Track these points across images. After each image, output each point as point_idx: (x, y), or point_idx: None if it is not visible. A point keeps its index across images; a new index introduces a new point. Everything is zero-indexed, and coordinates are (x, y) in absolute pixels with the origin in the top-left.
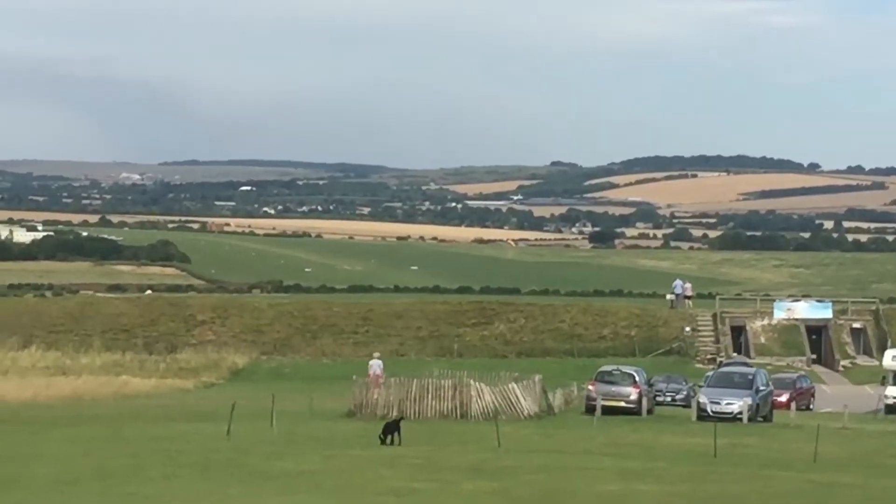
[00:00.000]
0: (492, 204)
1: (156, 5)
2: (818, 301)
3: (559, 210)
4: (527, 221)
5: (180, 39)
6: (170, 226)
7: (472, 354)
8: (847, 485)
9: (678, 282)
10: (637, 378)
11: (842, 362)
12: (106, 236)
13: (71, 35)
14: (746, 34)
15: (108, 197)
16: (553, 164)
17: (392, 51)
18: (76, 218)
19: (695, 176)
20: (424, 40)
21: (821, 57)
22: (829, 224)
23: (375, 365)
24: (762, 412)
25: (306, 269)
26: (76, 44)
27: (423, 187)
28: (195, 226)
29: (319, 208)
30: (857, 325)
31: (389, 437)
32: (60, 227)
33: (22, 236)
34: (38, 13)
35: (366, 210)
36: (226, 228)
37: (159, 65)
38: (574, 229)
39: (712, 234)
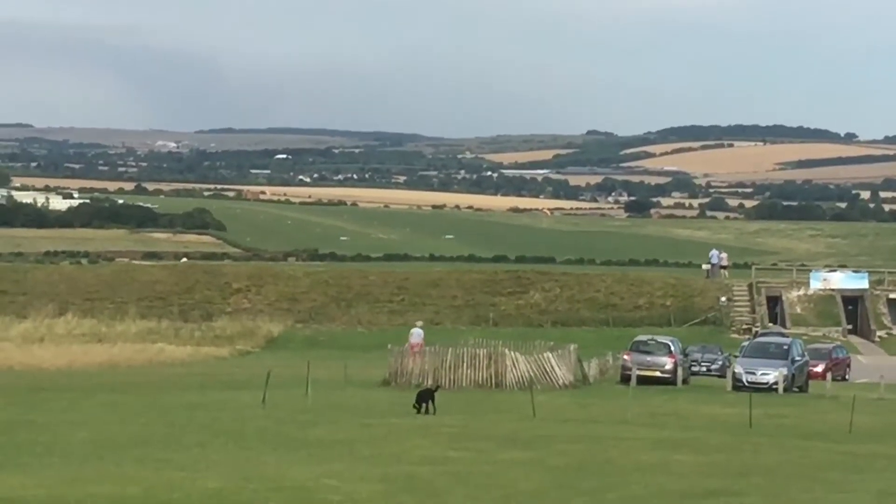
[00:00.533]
0: (527, 173)
1: None
2: (854, 271)
3: (595, 179)
4: (562, 190)
5: (219, 7)
6: (205, 194)
7: (508, 324)
8: (883, 455)
9: (714, 251)
10: (672, 348)
11: (878, 333)
12: (142, 204)
13: (109, 3)
14: (785, 3)
15: (144, 165)
16: (589, 133)
17: (429, 19)
18: (112, 185)
19: (731, 145)
20: (462, 8)
21: (859, 26)
22: (865, 194)
23: (416, 334)
24: (798, 382)
25: (342, 238)
26: (114, 12)
27: (459, 156)
28: (231, 194)
29: (355, 177)
30: (893, 295)
31: (423, 406)
32: (96, 194)
33: (58, 204)
34: None
35: (401, 179)
36: (261, 197)
37: (197, 33)
38: (610, 198)
39: (748, 203)
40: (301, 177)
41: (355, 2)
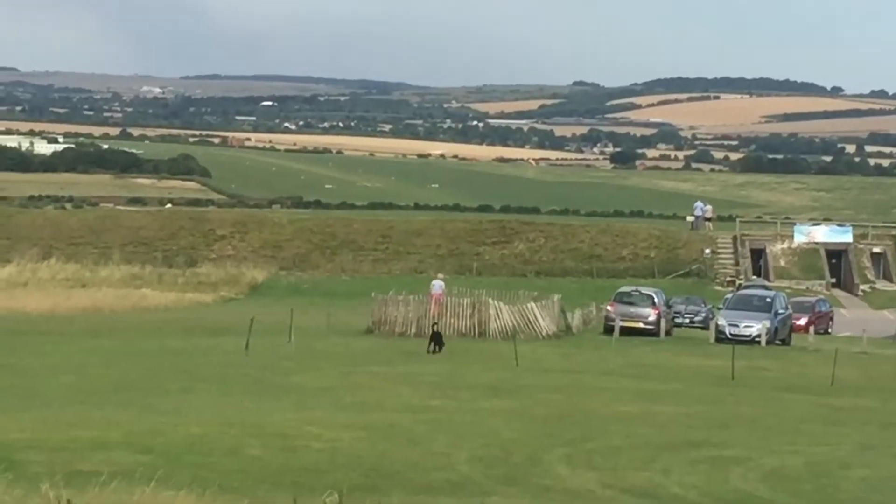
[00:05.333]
0: (513, 123)
1: None
2: (838, 225)
3: (580, 130)
4: (548, 141)
5: None
6: (191, 140)
7: (491, 273)
8: (864, 408)
9: (699, 203)
10: (656, 299)
11: (861, 287)
12: (126, 149)
13: None
14: None
15: (130, 110)
16: (575, 83)
17: None
18: (97, 130)
19: (717, 98)
20: None
21: None
22: (851, 148)
23: (437, 285)
24: (780, 335)
25: (327, 186)
26: None
27: (445, 105)
28: (216, 140)
29: (341, 125)
30: (877, 249)
31: (433, 346)
32: (81, 139)
33: (42, 148)
34: None
35: (387, 127)
36: (246, 143)
37: None
38: (595, 149)
39: (734, 156)
40: (286, 124)
41: None
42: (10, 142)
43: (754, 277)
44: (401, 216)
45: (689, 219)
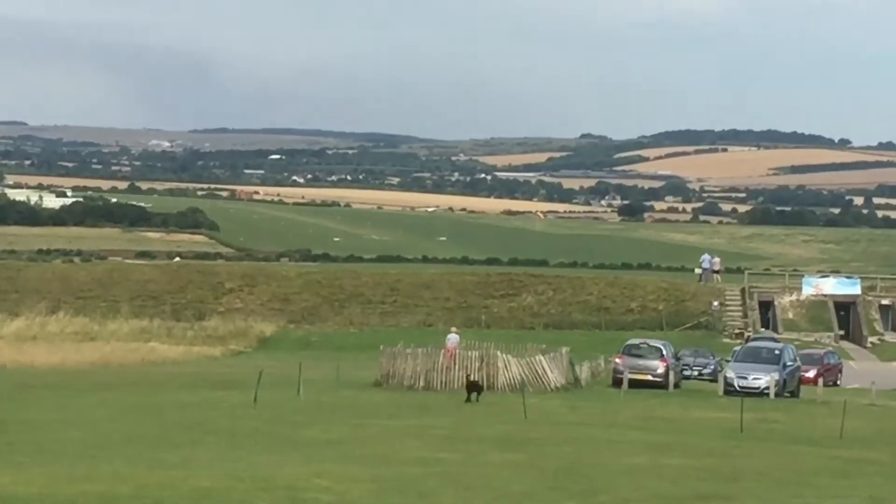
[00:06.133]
0: (521, 175)
1: None
2: (847, 277)
3: (588, 182)
4: (556, 193)
5: (214, 7)
6: (199, 193)
7: (500, 326)
8: (873, 461)
9: (706, 256)
10: (664, 352)
11: (870, 339)
12: (135, 203)
13: (104, 1)
14: (779, 8)
15: (138, 164)
16: (583, 136)
17: (424, 20)
18: (105, 184)
19: (725, 150)
20: (457, 9)
21: (853, 33)
22: (859, 200)
23: (452, 339)
24: (789, 388)
25: (335, 239)
26: (110, 10)
27: (453, 158)
28: (224, 194)
29: (349, 178)
30: (885, 301)
31: (472, 396)
32: (90, 193)
33: (51, 202)
34: None
35: (395, 180)
36: (255, 197)
37: (191, 32)
38: (603, 202)
39: (742, 208)
40: (295, 177)
41: (350, 3)
42: (19, 195)
43: (763, 330)
44: (409, 269)
45: (697, 271)
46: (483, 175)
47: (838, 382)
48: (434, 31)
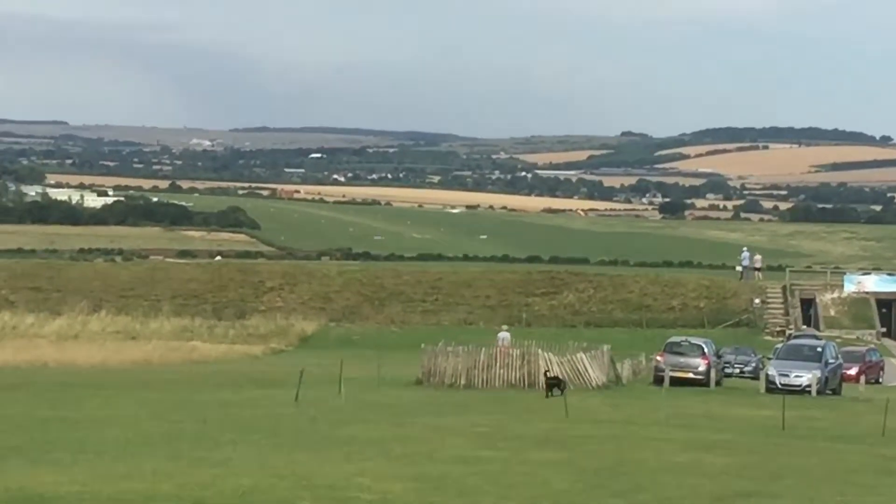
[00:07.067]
0: (562, 173)
1: None
2: (888, 274)
3: (629, 180)
4: (597, 191)
5: (254, 5)
6: (240, 192)
7: (541, 324)
8: None
9: (745, 252)
10: (706, 349)
11: None
12: (176, 202)
13: (145, 1)
14: (820, 5)
15: (179, 163)
16: (624, 134)
17: (465, 18)
18: (146, 183)
19: (766, 147)
20: (498, 7)
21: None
22: None
23: (504, 337)
24: (831, 385)
25: (376, 237)
26: (150, 9)
27: (493, 156)
28: (265, 192)
29: (389, 176)
30: None
31: (555, 391)
32: (131, 192)
33: (93, 201)
34: None
35: (435, 178)
36: (295, 195)
37: (232, 31)
38: (644, 200)
39: (783, 206)
40: (335, 176)
41: (392, 1)
42: (61, 195)
43: (804, 327)
44: (450, 267)
45: (738, 269)
46: (524, 173)
47: (880, 380)
48: (475, 30)
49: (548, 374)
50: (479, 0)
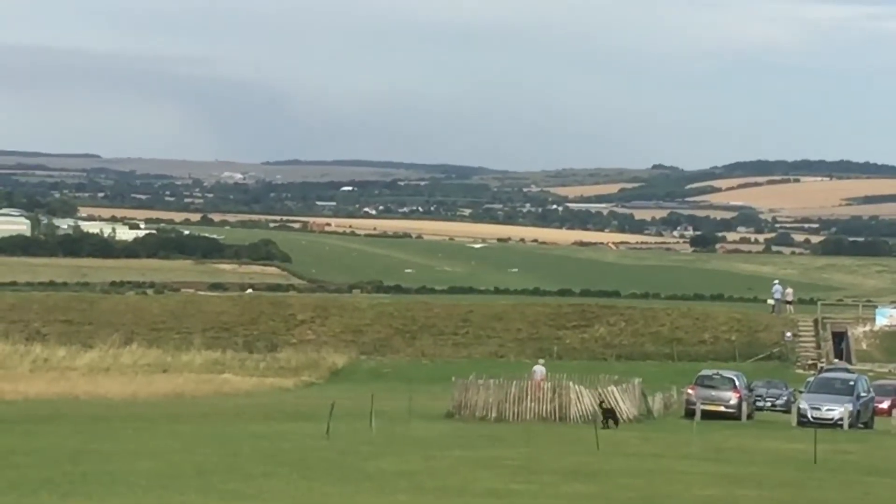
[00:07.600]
0: (593, 206)
1: (259, 5)
2: None
3: (660, 213)
4: (628, 224)
5: (284, 40)
6: (271, 225)
7: (572, 357)
8: None
9: (777, 286)
10: (737, 383)
11: None
12: (207, 235)
13: (176, 35)
14: (852, 39)
15: (210, 196)
16: (655, 167)
17: (494, 53)
18: (178, 216)
19: (797, 181)
20: (527, 42)
21: None
22: None
23: (539, 371)
24: (863, 419)
25: (407, 270)
26: (182, 43)
27: (525, 189)
28: (296, 225)
29: (420, 209)
30: None
31: (608, 422)
32: (162, 225)
33: (124, 234)
34: (141, 13)
35: (467, 211)
36: (327, 228)
37: (263, 65)
38: (675, 233)
39: (814, 239)
40: (366, 209)
41: (422, 37)
42: (93, 228)
43: (836, 360)
44: (481, 300)
45: (770, 302)
46: (554, 206)
47: None
48: (506, 63)
49: (603, 405)
50: (511, 34)
